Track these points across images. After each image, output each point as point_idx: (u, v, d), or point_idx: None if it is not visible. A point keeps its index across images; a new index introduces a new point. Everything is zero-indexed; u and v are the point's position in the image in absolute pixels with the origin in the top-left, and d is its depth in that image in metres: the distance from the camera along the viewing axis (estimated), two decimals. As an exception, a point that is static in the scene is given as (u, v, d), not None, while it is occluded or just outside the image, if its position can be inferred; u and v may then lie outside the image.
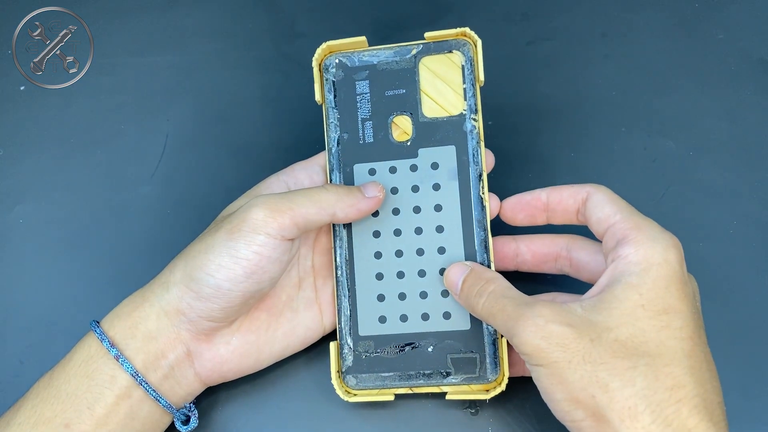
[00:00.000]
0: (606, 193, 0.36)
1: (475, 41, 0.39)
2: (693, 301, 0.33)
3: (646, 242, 0.33)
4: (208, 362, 0.38)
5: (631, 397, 0.30)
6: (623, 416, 0.30)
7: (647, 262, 0.33)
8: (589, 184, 0.37)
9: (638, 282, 0.32)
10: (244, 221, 0.35)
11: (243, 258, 0.35)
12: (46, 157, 0.48)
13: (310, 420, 0.42)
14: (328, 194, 0.37)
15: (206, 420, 0.42)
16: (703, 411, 0.30)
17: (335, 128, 0.41)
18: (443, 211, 0.39)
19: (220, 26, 0.49)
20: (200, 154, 0.47)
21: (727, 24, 0.46)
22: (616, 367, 0.31)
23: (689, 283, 0.34)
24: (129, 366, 0.36)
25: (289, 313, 0.40)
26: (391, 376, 0.40)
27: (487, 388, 0.39)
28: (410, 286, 0.40)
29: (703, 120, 0.45)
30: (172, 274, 0.37)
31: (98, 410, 0.35)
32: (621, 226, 0.34)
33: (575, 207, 0.37)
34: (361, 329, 0.40)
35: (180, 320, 0.36)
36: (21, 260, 0.46)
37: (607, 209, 0.35)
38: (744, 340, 0.41)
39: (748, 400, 0.40)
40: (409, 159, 0.40)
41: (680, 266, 0.33)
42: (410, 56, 0.40)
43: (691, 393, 0.31)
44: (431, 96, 0.40)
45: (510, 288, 0.35)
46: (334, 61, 0.41)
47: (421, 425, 0.41)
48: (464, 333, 0.39)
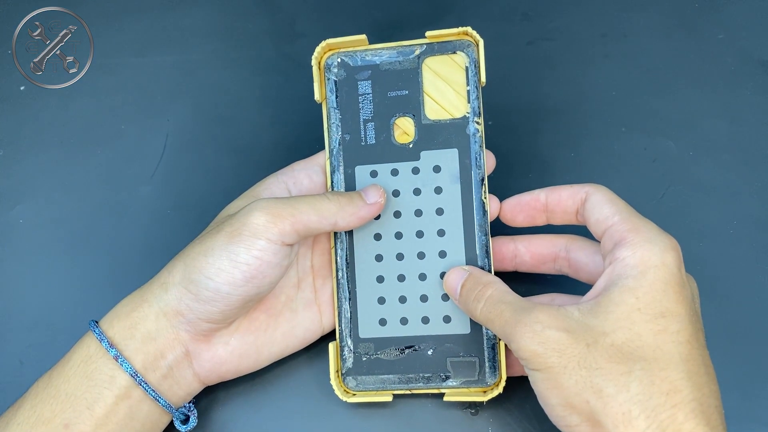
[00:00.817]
0: (605, 193, 0.36)
1: (477, 41, 0.39)
2: (691, 303, 0.33)
3: (643, 244, 0.33)
4: (207, 362, 0.38)
5: (625, 402, 0.30)
6: (617, 422, 0.30)
7: (644, 265, 0.32)
8: (588, 184, 0.37)
9: (635, 285, 0.32)
10: (245, 225, 0.35)
11: (243, 262, 0.35)
12: (46, 157, 0.48)
13: (310, 419, 0.42)
14: (330, 204, 0.37)
15: (205, 419, 0.42)
16: (700, 415, 0.30)
17: (337, 129, 0.40)
18: (445, 214, 0.39)
19: (220, 26, 0.49)
20: (200, 154, 0.47)
21: (727, 24, 0.46)
22: (611, 372, 0.31)
23: (688, 285, 0.33)
24: (128, 366, 0.36)
25: (288, 313, 0.40)
26: (391, 379, 0.40)
27: (485, 390, 0.39)
28: (411, 289, 0.40)
29: (703, 120, 0.45)
30: (170, 275, 0.37)
31: (98, 410, 0.35)
32: (619, 227, 0.34)
33: (574, 207, 0.37)
34: (361, 331, 0.40)
35: (179, 321, 0.36)
36: (21, 260, 0.46)
37: (605, 210, 0.35)
38: (744, 340, 0.41)
39: (748, 400, 0.40)
40: (411, 162, 0.40)
41: (678, 269, 0.33)
42: (413, 56, 0.40)
43: (687, 397, 0.30)
44: (434, 98, 0.40)
45: (508, 292, 0.35)
46: (336, 60, 0.40)
47: (421, 425, 0.41)
48: (464, 337, 0.39)
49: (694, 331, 0.32)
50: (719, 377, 0.33)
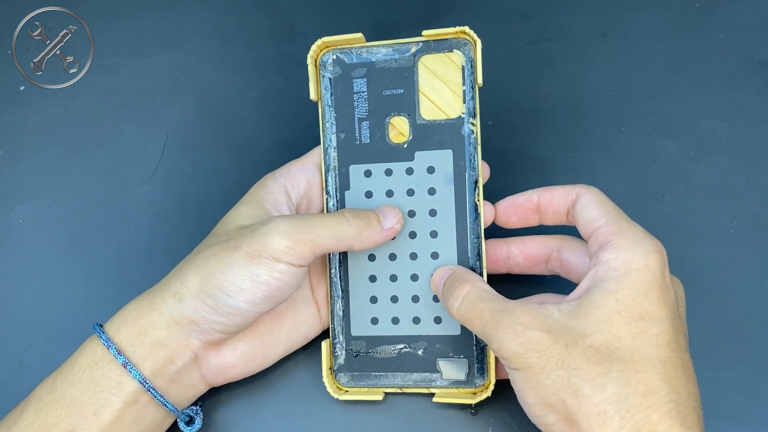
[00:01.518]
0: (595, 195, 0.36)
1: (475, 41, 0.38)
2: (674, 306, 0.33)
3: (627, 247, 0.33)
4: (215, 367, 0.38)
5: (600, 402, 0.30)
6: (592, 421, 0.30)
7: (626, 268, 0.33)
8: (580, 185, 0.37)
9: (616, 288, 0.32)
10: (266, 249, 0.35)
11: (264, 283, 0.35)
12: (46, 157, 0.48)
13: (310, 417, 0.42)
14: (349, 229, 0.37)
15: (206, 419, 0.42)
16: (676, 416, 0.30)
17: (331, 127, 0.40)
18: (438, 216, 0.39)
19: (220, 26, 0.49)
20: (200, 154, 0.47)
21: (727, 24, 0.46)
22: (588, 372, 0.31)
23: (671, 288, 0.33)
24: (137, 373, 0.36)
25: (291, 314, 0.40)
26: (382, 377, 0.40)
27: (474, 392, 0.39)
28: (403, 289, 0.40)
29: (703, 120, 0.45)
30: (184, 286, 0.36)
31: (104, 416, 0.35)
32: (605, 230, 0.34)
33: (565, 208, 0.37)
34: (353, 329, 0.40)
35: (191, 329, 0.36)
36: (21, 260, 0.46)
37: (593, 212, 0.35)
38: (743, 340, 0.41)
39: (748, 400, 0.40)
40: (405, 162, 0.40)
41: (661, 272, 0.33)
42: (409, 54, 0.39)
43: (663, 399, 0.31)
44: (429, 97, 0.39)
45: (486, 291, 0.35)
46: (331, 56, 0.40)
47: (421, 425, 0.41)
48: (454, 338, 0.39)
49: (674, 334, 0.32)
50: (719, 377, 0.33)
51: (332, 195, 0.40)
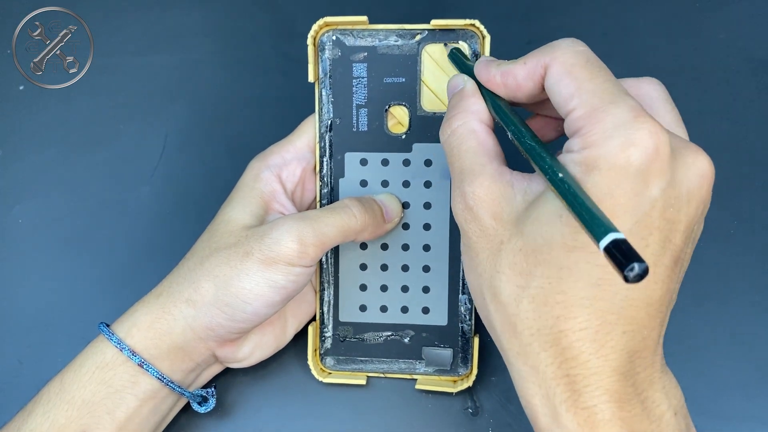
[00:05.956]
0: (563, 64, 0.28)
1: (484, 35, 0.38)
2: (648, 221, 0.26)
3: (596, 139, 0.26)
4: (232, 359, 0.39)
5: (513, 315, 0.28)
6: (504, 329, 0.29)
7: (589, 166, 0.26)
8: (550, 44, 0.30)
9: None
10: (279, 255, 0.35)
11: (281, 287, 0.36)
12: (46, 156, 0.48)
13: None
14: (357, 224, 0.37)
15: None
16: (589, 344, 0.27)
17: (328, 111, 0.39)
18: (432, 209, 0.39)
19: (220, 26, 0.49)
20: (199, 154, 0.47)
21: (727, 24, 0.46)
22: (509, 281, 0.28)
23: (654, 197, 0.26)
24: (155, 371, 0.36)
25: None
26: (367, 361, 0.41)
27: (455, 380, 0.40)
28: (393, 279, 0.40)
29: (703, 120, 0.45)
30: (197, 293, 0.36)
31: (120, 415, 0.35)
32: (576, 114, 0.27)
33: (537, 90, 0.30)
34: (341, 315, 0.41)
35: (208, 335, 0.37)
36: (21, 260, 0.46)
37: (563, 90, 0.28)
38: (744, 340, 0.41)
39: (748, 400, 0.40)
40: (402, 153, 0.39)
41: (640, 173, 0.26)
42: (413, 42, 0.38)
43: (578, 326, 0.27)
44: (431, 88, 0.39)
45: (472, 133, 0.31)
46: (331, 37, 0.39)
47: (421, 425, 0.41)
48: (440, 328, 0.40)
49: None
50: (719, 377, 0.33)
51: (326, 183, 0.40)
